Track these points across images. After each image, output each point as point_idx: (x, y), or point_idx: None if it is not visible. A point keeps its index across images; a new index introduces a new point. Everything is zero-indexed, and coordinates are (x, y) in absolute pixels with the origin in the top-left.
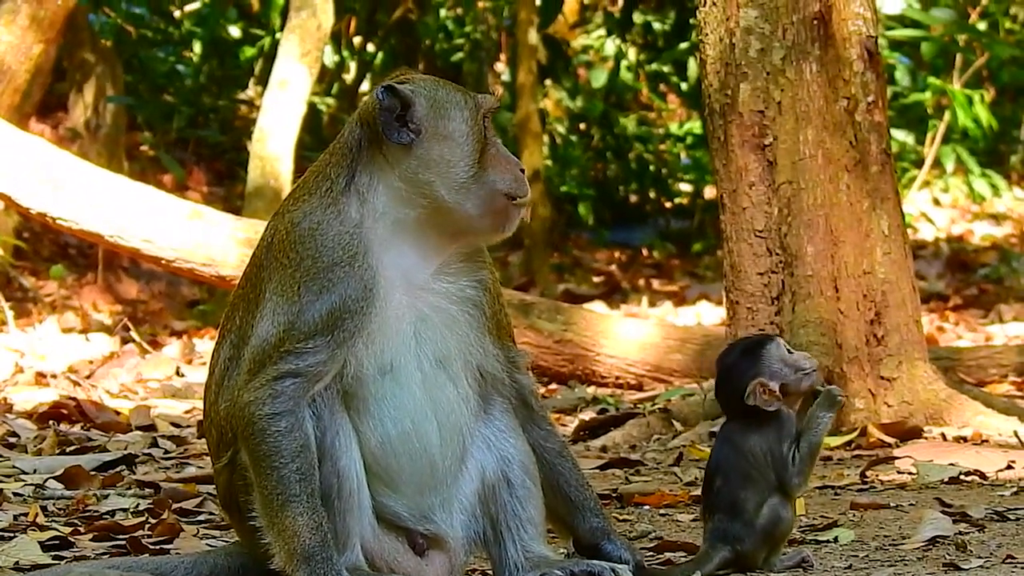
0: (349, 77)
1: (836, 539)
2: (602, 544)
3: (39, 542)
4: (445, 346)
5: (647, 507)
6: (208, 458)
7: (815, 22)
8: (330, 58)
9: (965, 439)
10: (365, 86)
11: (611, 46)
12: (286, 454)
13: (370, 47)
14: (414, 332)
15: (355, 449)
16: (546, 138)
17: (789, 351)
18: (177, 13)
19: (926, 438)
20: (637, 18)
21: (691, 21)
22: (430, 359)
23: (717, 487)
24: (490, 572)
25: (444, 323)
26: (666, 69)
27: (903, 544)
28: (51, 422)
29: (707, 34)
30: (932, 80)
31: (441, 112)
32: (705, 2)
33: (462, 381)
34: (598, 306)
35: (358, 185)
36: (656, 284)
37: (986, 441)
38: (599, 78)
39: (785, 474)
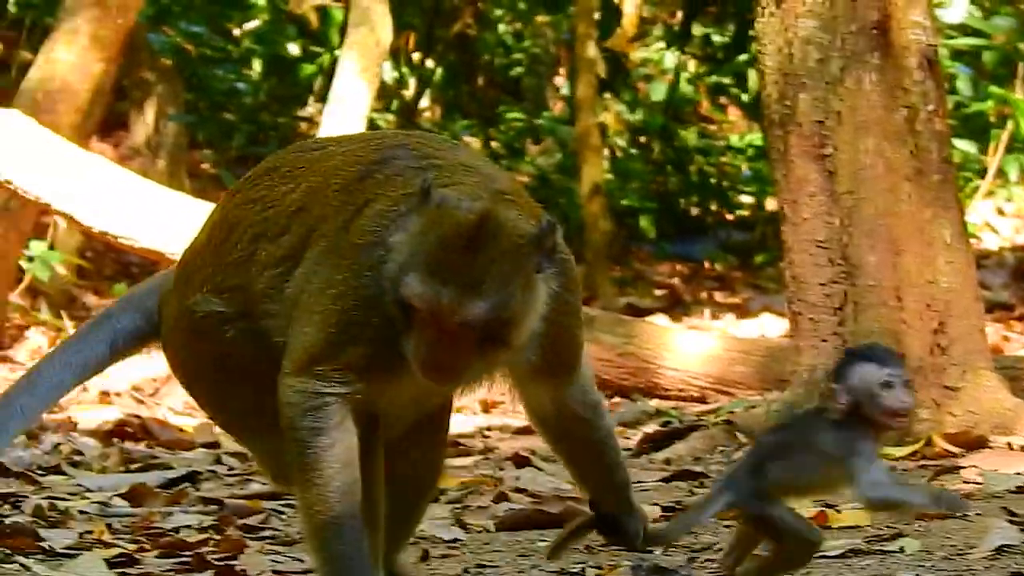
0: (408, 93)
1: (902, 549)
2: (622, 518)
3: (105, 559)
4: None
5: (711, 519)
6: None
7: (874, 31)
8: (389, 74)
9: None
10: (424, 102)
11: (671, 59)
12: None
13: (429, 63)
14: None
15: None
16: (606, 151)
17: (889, 384)
18: (236, 31)
19: (991, 448)
20: (696, 30)
21: (750, 32)
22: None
23: (758, 449)
24: None
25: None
26: (726, 81)
27: (969, 554)
28: (115, 440)
29: (766, 44)
30: (994, 89)
31: (404, 240)
32: (764, 13)
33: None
34: (660, 319)
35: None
36: (718, 296)
37: None
38: (659, 91)
39: (851, 483)
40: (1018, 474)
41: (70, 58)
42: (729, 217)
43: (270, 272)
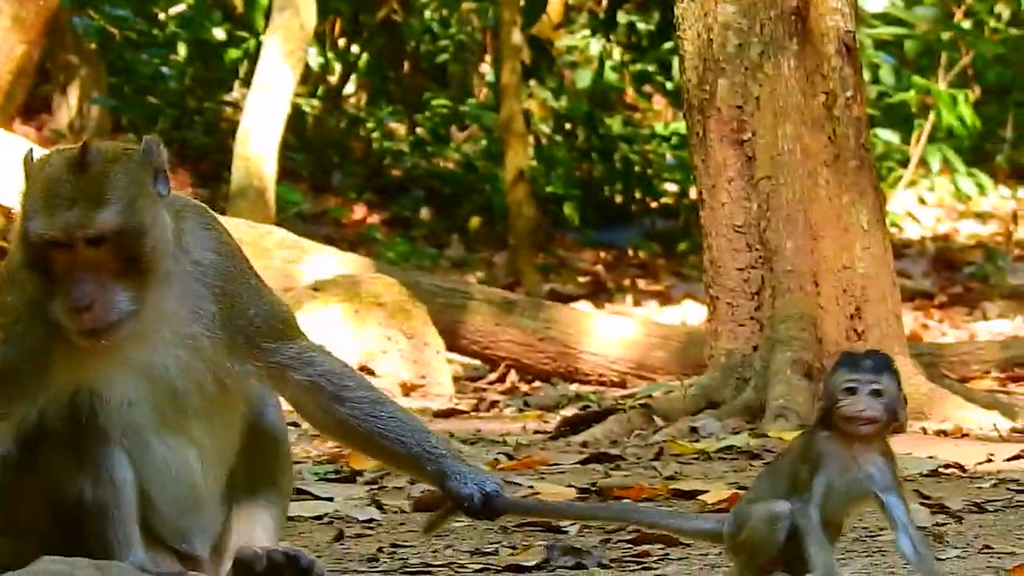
0: (334, 79)
1: None
2: (446, 485)
3: None
4: (178, 379)
5: (627, 501)
6: None
7: (793, 17)
8: (315, 59)
9: (945, 433)
10: (350, 87)
11: (596, 46)
12: None
13: (355, 48)
14: (147, 381)
15: (127, 467)
16: (531, 139)
17: (852, 389)
18: (161, 15)
19: (906, 432)
20: (621, 18)
21: (674, 20)
22: (165, 395)
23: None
24: None
25: (169, 357)
26: (651, 69)
27: (880, 535)
28: None
29: (685, 30)
30: (916, 79)
31: (22, 206)
32: None
33: (211, 409)
34: (583, 306)
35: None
36: (642, 284)
37: (967, 435)
38: (584, 78)
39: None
40: (931, 458)
41: None
42: (653, 205)
43: None
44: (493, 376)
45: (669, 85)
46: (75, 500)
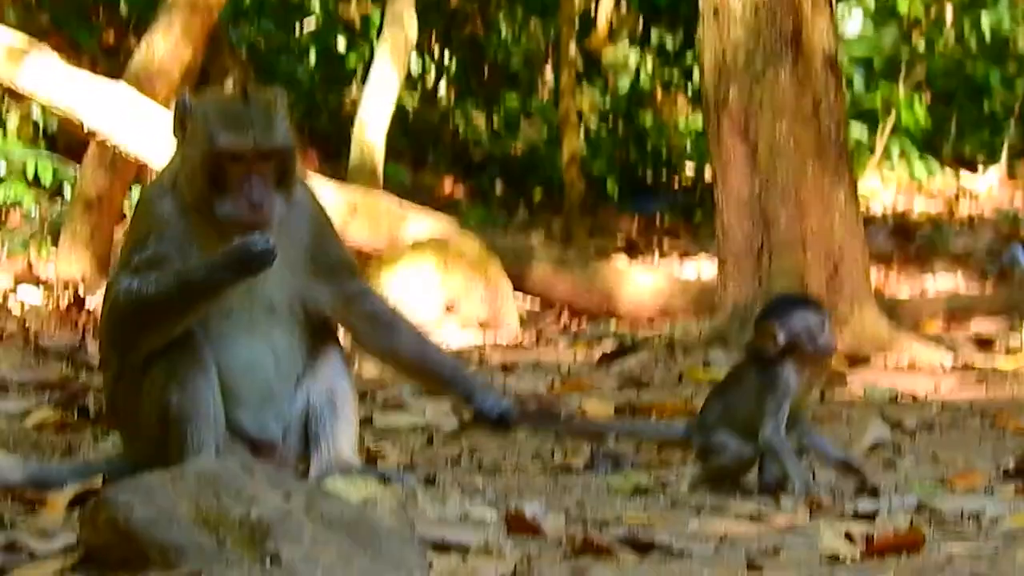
0: (430, 80)
1: None
2: (472, 400)
3: None
4: (275, 293)
5: (653, 416)
6: None
7: (789, 38)
8: (415, 65)
9: (902, 367)
10: (442, 88)
11: (633, 58)
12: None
13: (446, 57)
14: (251, 292)
15: (213, 372)
16: (582, 129)
17: (823, 326)
18: (296, 29)
19: (872, 365)
20: (653, 36)
21: (695, 37)
22: (261, 306)
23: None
24: None
25: (273, 273)
26: (676, 76)
27: (852, 448)
28: None
29: (705, 46)
30: (882, 87)
31: (195, 132)
32: (704, 22)
33: (291, 321)
34: (621, 260)
35: (172, 164)
36: (666, 244)
37: (919, 369)
38: (624, 83)
39: (758, 424)
40: (891, 387)
41: (166, 46)
42: (676, 183)
43: None
44: (550, 316)
45: (690, 90)
46: (165, 407)
